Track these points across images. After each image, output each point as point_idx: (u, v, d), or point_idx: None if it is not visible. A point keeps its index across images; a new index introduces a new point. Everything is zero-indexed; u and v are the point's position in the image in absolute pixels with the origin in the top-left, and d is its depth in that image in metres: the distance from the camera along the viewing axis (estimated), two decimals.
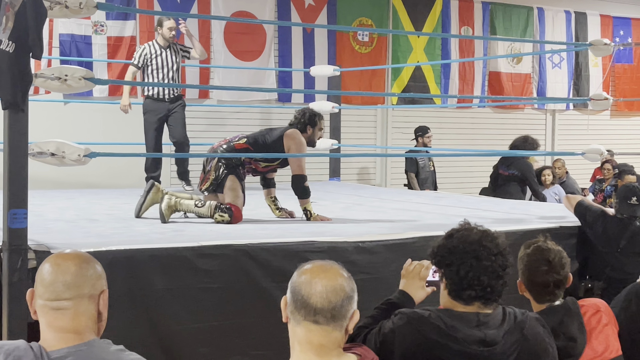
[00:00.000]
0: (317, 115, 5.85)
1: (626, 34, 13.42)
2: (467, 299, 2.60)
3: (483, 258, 2.58)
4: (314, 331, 2.26)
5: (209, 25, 9.88)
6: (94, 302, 2.24)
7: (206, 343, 3.96)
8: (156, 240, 4.26)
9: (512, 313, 2.64)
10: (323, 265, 2.33)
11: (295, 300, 2.28)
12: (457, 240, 2.64)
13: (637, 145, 12.36)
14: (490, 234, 2.65)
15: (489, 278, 2.57)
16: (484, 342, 2.53)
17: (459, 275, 2.59)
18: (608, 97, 6.22)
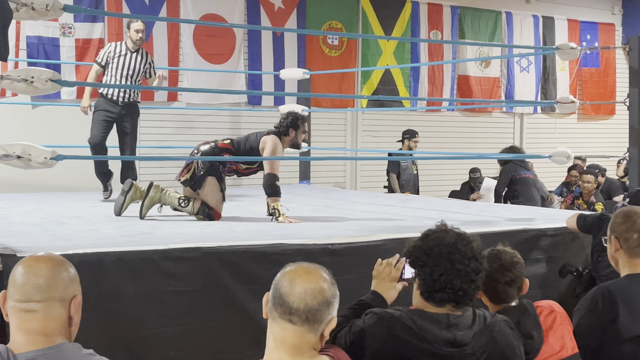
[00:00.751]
0: (299, 118, 5.91)
1: (593, 38, 13.58)
2: (439, 301, 2.62)
3: (457, 261, 2.60)
4: (288, 330, 2.28)
5: (178, 28, 9.85)
6: (65, 305, 2.22)
7: (175, 347, 3.93)
8: (124, 243, 4.23)
9: (482, 315, 2.67)
10: (308, 267, 2.35)
11: (274, 296, 2.30)
12: (432, 241, 2.67)
13: (604, 148, 12.49)
14: (466, 238, 2.67)
15: (462, 282, 2.59)
16: (453, 343, 2.55)
17: (432, 277, 2.62)
18: (575, 101, 6.30)
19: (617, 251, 3.41)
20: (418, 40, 11.82)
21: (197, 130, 9.64)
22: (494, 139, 12.50)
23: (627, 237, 3.36)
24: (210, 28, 9.93)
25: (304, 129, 5.90)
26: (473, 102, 12.17)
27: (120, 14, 9.12)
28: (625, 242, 3.37)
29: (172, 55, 9.80)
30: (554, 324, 3.15)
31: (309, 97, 9.30)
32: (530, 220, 5.71)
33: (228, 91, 10.17)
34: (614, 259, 3.46)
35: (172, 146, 9.11)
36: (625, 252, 3.38)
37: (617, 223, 3.43)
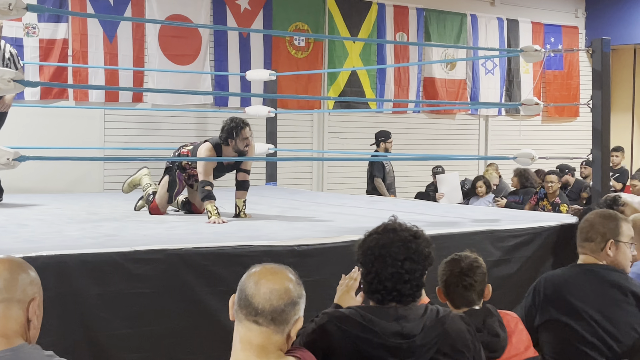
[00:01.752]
0: (235, 127, 6.05)
1: (557, 41, 13.73)
2: (378, 301, 2.69)
3: (389, 264, 2.65)
4: (254, 331, 2.28)
5: (143, 29, 9.78)
6: (23, 307, 2.20)
7: (139, 349, 3.90)
8: (88, 245, 4.19)
9: (435, 310, 2.71)
10: (273, 268, 2.36)
11: (240, 298, 2.31)
12: (370, 242, 2.73)
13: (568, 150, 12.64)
14: (403, 238, 2.70)
15: (395, 283, 2.64)
16: (401, 335, 2.59)
17: (367, 279, 2.70)
18: (539, 102, 6.35)
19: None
20: (384, 41, 11.85)
21: (162, 131, 9.58)
22: (459, 141, 12.60)
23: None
24: (175, 29, 9.87)
25: (243, 136, 6.05)
26: (439, 103, 12.24)
27: (85, 14, 9.04)
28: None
29: (137, 56, 9.73)
30: (516, 328, 3.26)
31: (275, 98, 9.28)
32: (495, 222, 5.75)
33: (194, 92, 10.12)
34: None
35: (137, 147, 9.04)
36: None
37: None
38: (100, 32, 9.41)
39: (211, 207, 5.81)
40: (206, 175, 6.02)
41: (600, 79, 6.06)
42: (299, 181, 10.90)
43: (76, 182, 9.23)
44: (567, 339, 3.34)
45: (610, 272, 3.51)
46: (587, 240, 3.56)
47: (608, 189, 6.26)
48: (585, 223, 3.61)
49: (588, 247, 3.56)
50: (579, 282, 3.44)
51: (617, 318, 3.37)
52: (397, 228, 2.74)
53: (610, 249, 3.52)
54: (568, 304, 3.37)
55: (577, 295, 3.39)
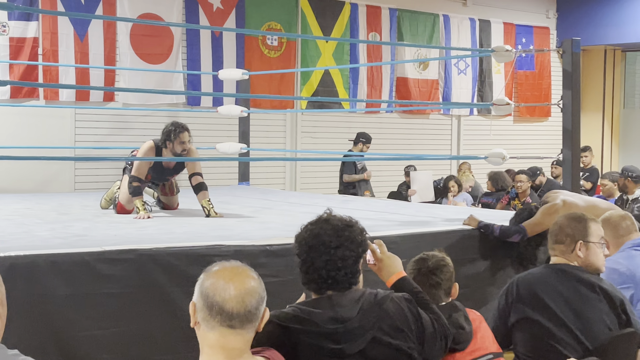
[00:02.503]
0: (172, 131, 6.24)
1: (528, 41, 13.82)
2: (315, 290, 2.76)
3: (323, 252, 2.73)
4: (228, 336, 2.25)
5: (114, 28, 9.71)
6: None
7: (109, 349, 3.87)
8: (57, 245, 4.15)
9: (373, 293, 2.77)
10: (233, 268, 2.32)
11: (209, 306, 2.26)
12: (305, 232, 2.81)
13: (539, 150, 12.74)
14: (335, 226, 2.78)
15: (328, 270, 2.72)
16: (336, 320, 2.65)
17: (303, 269, 2.78)
18: (510, 102, 6.39)
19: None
20: (357, 41, 11.86)
21: (134, 130, 9.51)
22: (431, 141, 12.64)
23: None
24: (147, 28, 9.81)
25: (180, 140, 6.22)
26: (411, 103, 12.27)
27: (55, 12, 8.96)
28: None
29: (108, 55, 9.65)
30: (481, 325, 3.30)
31: (248, 98, 9.26)
32: None
33: (165, 91, 10.06)
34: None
35: (108, 147, 8.98)
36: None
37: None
38: (71, 30, 9.33)
39: (139, 203, 6.05)
40: (138, 171, 6.21)
41: (571, 79, 6.10)
42: (272, 181, 10.88)
43: (47, 182, 9.15)
44: (540, 336, 3.38)
45: (581, 272, 3.56)
46: (558, 243, 3.61)
47: (578, 189, 6.30)
48: (555, 226, 3.67)
49: (558, 249, 3.61)
50: (550, 281, 3.48)
51: (588, 315, 3.41)
52: (330, 218, 2.82)
53: (580, 250, 3.56)
54: (541, 302, 3.41)
55: (549, 293, 3.43)
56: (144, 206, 6.07)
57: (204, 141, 9.24)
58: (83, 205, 6.85)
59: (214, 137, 9.06)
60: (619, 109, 14.80)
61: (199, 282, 2.32)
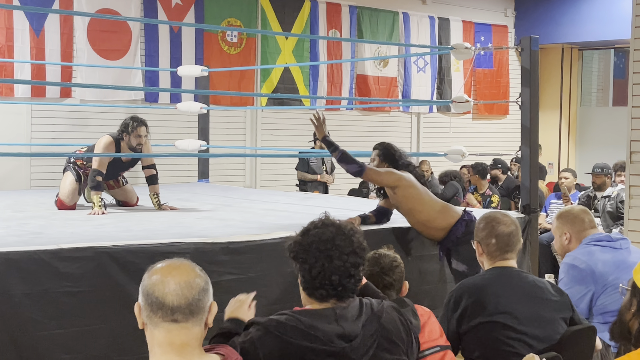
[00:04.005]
0: (130, 123, 6.29)
1: (487, 39, 13.93)
2: (320, 297, 2.64)
3: (335, 257, 2.62)
4: (174, 331, 2.22)
5: (71, 22, 9.57)
6: None
7: (68, 349, 3.82)
8: (12, 243, 4.07)
9: (369, 304, 2.70)
10: (172, 263, 2.30)
11: (150, 303, 2.23)
12: (312, 237, 2.67)
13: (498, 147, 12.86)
14: (345, 232, 2.68)
15: (340, 277, 2.62)
16: (343, 337, 2.56)
17: (311, 275, 2.63)
18: (469, 100, 6.42)
19: (481, 255, 3.65)
20: (317, 37, 11.85)
21: (91, 127, 9.39)
22: (392, 138, 12.55)
23: (487, 243, 3.58)
24: (105, 23, 9.68)
25: (136, 133, 6.26)
26: (371, 101, 12.29)
27: (10, 6, 8.79)
28: (486, 247, 3.59)
29: (65, 50, 9.51)
30: (429, 320, 3.30)
31: (207, 94, 9.20)
32: None
33: (123, 87, 9.94)
34: (480, 262, 3.69)
35: (65, 144, 8.85)
36: (487, 255, 3.60)
37: (479, 229, 3.66)
38: (26, 25, 9.18)
39: (96, 198, 6.04)
40: (100, 165, 6.19)
41: (529, 77, 6.15)
42: (232, 178, 10.83)
43: (2, 179, 8.99)
44: (496, 338, 3.36)
45: (521, 272, 3.60)
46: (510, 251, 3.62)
47: (537, 184, 6.36)
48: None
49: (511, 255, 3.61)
50: (500, 283, 3.48)
51: (542, 312, 3.42)
52: (336, 222, 2.72)
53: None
54: (494, 305, 3.39)
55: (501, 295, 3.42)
56: (101, 202, 6.03)
57: (163, 138, 9.16)
58: (39, 202, 6.75)
59: (173, 134, 8.99)
60: (576, 107, 14.99)
61: (141, 282, 2.29)
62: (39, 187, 8.96)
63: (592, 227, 4.24)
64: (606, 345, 3.84)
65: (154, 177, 6.47)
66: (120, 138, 6.31)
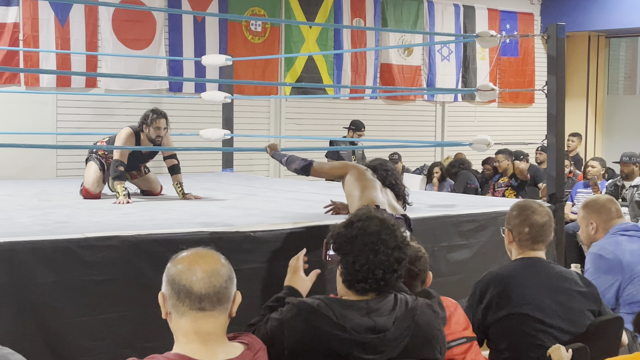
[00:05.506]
0: (149, 115, 6.35)
1: (512, 27, 13.81)
2: (360, 291, 2.61)
3: (380, 252, 2.58)
4: (200, 319, 2.23)
5: (96, 12, 9.61)
6: None
7: (94, 337, 3.84)
8: (38, 232, 4.10)
9: (404, 300, 2.66)
10: (197, 252, 2.31)
11: (176, 292, 2.23)
12: (356, 230, 2.63)
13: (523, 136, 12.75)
14: (390, 226, 2.65)
15: (384, 272, 2.58)
16: (374, 330, 2.53)
17: (354, 267, 2.59)
18: (494, 88, 6.35)
19: (510, 243, 3.61)
20: (341, 26, 11.81)
21: (116, 117, 9.42)
22: (416, 127, 12.62)
23: (519, 231, 3.54)
24: (129, 13, 9.71)
25: (156, 125, 6.32)
26: (395, 89, 12.24)
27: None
28: (517, 236, 3.55)
29: (90, 40, 9.56)
30: (455, 311, 3.27)
31: (231, 84, 9.19)
32: (451, 207, 5.76)
33: (148, 77, 9.97)
34: (509, 250, 3.65)
35: (90, 133, 8.89)
36: (517, 244, 3.56)
37: (512, 216, 3.61)
38: (51, 16, 9.23)
39: (120, 188, 6.09)
40: (122, 156, 6.24)
41: (555, 65, 6.07)
42: (256, 167, 10.84)
43: (29, 168, 9.06)
44: (522, 330, 3.33)
45: (549, 262, 3.56)
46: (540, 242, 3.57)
47: (563, 173, 6.30)
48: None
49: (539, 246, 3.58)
50: (527, 274, 3.44)
51: (569, 304, 3.39)
52: (380, 216, 2.68)
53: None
54: (521, 297, 3.36)
55: (528, 286, 3.39)
56: (125, 191, 6.08)
57: (187, 127, 9.19)
58: (65, 191, 6.79)
59: (197, 124, 9.00)
60: (602, 95, 14.84)
61: (165, 271, 2.30)
62: (65, 176, 9.02)
63: (618, 216, 4.19)
64: (633, 335, 3.80)
65: (176, 167, 6.52)
66: (140, 130, 6.37)
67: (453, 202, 6.16)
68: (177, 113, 9.23)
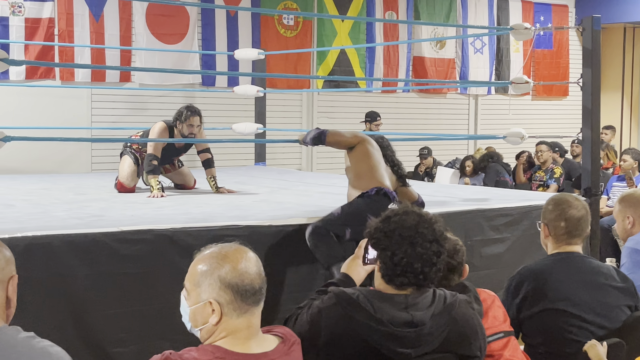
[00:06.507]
0: (183, 112, 6.37)
1: (546, 19, 13.67)
2: (400, 285, 2.60)
3: (418, 245, 2.57)
4: (255, 313, 2.26)
5: (130, 8, 9.67)
6: (3, 287, 2.15)
7: (127, 329, 3.88)
8: (74, 225, 4.14)
9: (442, 295, 2.65)
10: (230, 250, 2.29)
11: (239, 293, 2.20)
12: (394, 224, 2.63)
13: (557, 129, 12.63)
14: (428, 219, 2.64)
15: (423, 265, 2.57)
16: (410, 324, 2.53)
17: (392, 261, 2.58)
18: (529, 81, 6.30)
19: (546, 237, 3.56)
20: (373, 19, 11.77)
21: (150, 111, 9.50)
22: (449, 120, 12.56)
23: (555, 225, 3.49)
24: (163, 8, 9.77)
25: (189, 122, 6.34)
26: (428, 82, 12.18)
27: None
28: (553, 230, 3.50)
29: (124, 35, 9.63)
30: (493, 305, 3.22)
31: (264, 77, 9.22)
32: (485, 201, 5.73)
33: (181, 71, 10.03)
34: (545, 244, 3.60)
35: (124, 127, 8.96)
36: (553, 238, 3.52)
37: (548, 211, 3.56)
38: (86, 11, 9.31)
39: (154, 182, 6.13)
40: (155, 150, 6.28)
41: (591, 57, 6.02)
42: (288, 161, 10.86)
43: (64, 162, 9.16)
44: (557, 325, 3.31)
45: (585, 257, 3.52)
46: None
47: (598, 167, 6.24)
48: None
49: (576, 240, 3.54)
50: (562, 269, 3.42)
51: (605, 299, 3.36)
52: (417, 210, 2.68)
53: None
54: (556, 292, 3.33)
55: (563, 281, 3.36)
56: (159, 185, 6.13)
57: (220, 121, 9.22)
58: (100, 185, 6.86)
59: (230, 118, 9.03)
60: (638, 88, 14.65)
61: (207, 277, 2.23)
62: (100, 170, 9.11)
63: None
64: None
65: (210, 161, 6.56)
66: (174, 125, 6.41)
67: (486, 196, 6.13)
68: (210, 107, 9.26)
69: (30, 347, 2.05)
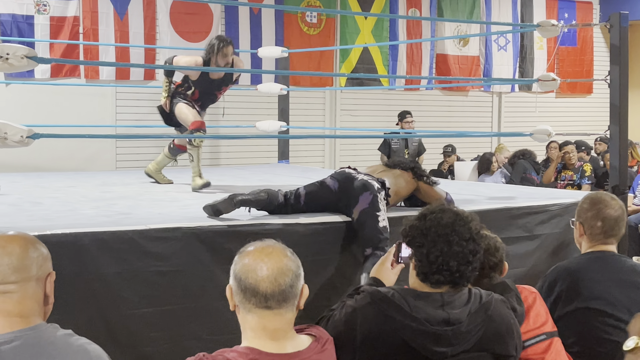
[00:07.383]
0: (216, 44, 6.30)
1: (570, 16, 13.58)
2: (435, 283, 2.59)
3: (454, 243, 2.56)
4: (267, 317, 2.21)
5: (154, 6, 9.71)
6: (41, 284, 2.16)
7: (157, 327, 3.88)
8: (102, 223, 4.15)
9: (478, 294, 2.64)
10: (265, 248, 2.27)
11: (243, 289, 2.21)
12: (430, 222, 2.62)
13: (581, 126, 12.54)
14: (464, 218, 2.63)
15: (459, 264, 2.56)
16: (447, 322, 2.52)
17: (428, 259, 2.57)
18: (556, 78, 6.26)
19: (581, 236, 3.55)
20: (396, 16, 11.75)
21: None
22: (472, 118, 12.52)
23: (591, 225, 3.48)
24: (187, 5, 9.80)
25: (223, 53, 6.26)
26: (452, 80, 12.14)
27: None
28: (589, 229, 3.49)
29: (148, 33, 9.67)
30: (534, 303, 3.17)
31: (287, 75, 9.21)
32: (511, 199, 5.69)
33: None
34: (579, 243, 3.59)
35: (149, 125, 9.00)
36: (588, 237, 3.50)
37: (584, 209, 3.55)
38: (110, 9, 9.36)
39: (165, 83, 6.42)
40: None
41: (619, 54, 5.96)
42: (312, 159, 10.86)
43: (89, 160, 9.21)
44: (591, 324, 3.29)
45: (621, 256, 3.49)
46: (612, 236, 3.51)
47: (626, 165, 6.19)
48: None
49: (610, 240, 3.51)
50: (597, 268, 3.39)
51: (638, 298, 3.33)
52: (453, 209, 2.67)
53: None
54: (590, 291, 3.31)
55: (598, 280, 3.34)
56: (167, 87, 6.27)
57: (244, 119, 9.23)
58: (125, 183, 6.87)
59: (254, 115, 9.04)
60: None
61: (233, 264, 2.27)
62: (125, 168, 9.15)
63: None
64: None
65: None
66: (208, 59, 6.31)
67: (512, 194, 6.09)
68: (233, 105, 9.27)
69: (69, 345, 2.07)
